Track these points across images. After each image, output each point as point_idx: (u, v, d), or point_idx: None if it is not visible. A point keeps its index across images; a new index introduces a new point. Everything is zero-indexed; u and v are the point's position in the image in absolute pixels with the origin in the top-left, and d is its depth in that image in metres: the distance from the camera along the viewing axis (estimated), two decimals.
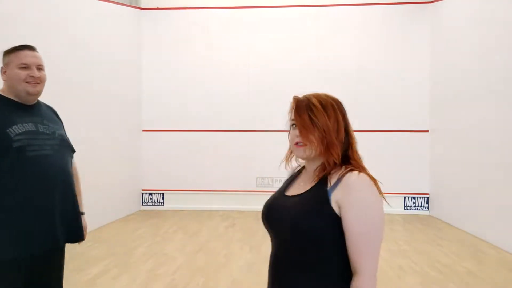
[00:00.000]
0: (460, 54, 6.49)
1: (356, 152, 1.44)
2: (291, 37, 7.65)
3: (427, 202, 7.48)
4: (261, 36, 7.69)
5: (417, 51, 7.47)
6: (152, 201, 7.69)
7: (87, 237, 2.50)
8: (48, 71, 2.29)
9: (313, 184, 1.37)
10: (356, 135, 1.57)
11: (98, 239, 5.66)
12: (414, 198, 7.52)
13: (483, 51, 5.89)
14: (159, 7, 7.80)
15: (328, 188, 1.32)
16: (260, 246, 5.30)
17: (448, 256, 5.01)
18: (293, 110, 1.41)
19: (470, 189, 6.15)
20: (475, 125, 6.04)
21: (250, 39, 7.68)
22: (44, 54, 5.59)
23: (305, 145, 1.38)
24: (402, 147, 7.49)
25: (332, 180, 1.34)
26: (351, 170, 1.34)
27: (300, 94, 1.49)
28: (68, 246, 2.31)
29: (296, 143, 1.40)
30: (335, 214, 1.29)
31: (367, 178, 1.34)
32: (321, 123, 1.36)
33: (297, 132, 1.39)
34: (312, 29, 7.65)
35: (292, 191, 1.45)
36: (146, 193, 7.71)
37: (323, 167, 1.38)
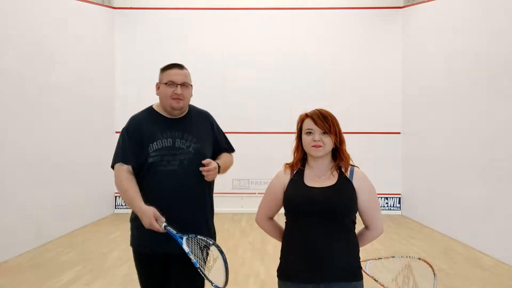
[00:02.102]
0: (430, 58, 6.68)
1: (346, 151, 2.03)
2: (266, 39, 7.69)
3: (399, 202, 7.65)
4: (236, 37, 7.69)
5: (389, 55, 7.64)
6: (125, 205, 7.53)
7: (58, 242, 2.41)
8: (16, 72, 2.22)
9: (336, 176, 1.93)
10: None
11: (69, 244, 5.50)
12: (386, 198, 7.67)
13: (452, 54, 6.09)
14: (132, 6, 7.69)
15: (352, 180, 1.94)
16: (237, 248, 5.29)
17: (420, 255, 5.14)
18: (316, 119, 1.93)
19: (440, 190, 6.33)
20: (445, 127, 6.23)
21: (225, 39, 7.67)
22: (13, 54, 5.44)
23: (321, 146, 1.90)
24: (374, 148, 7.64)
25: (347, 173, 1.96)
26: (351, 166, 2.01)
27: (274, 96, 1.56)
28: (37, 251, 2.22)
29: (314, 146, 1.90)
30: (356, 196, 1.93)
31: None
32: (337, 129, 1.96)
33: (314, 136, 1.90)
34: (285, 31, 7.71)
35: (316, 184, 1.92)
36: (119, 197, 7.56)
37: (336, 163, 1.97)
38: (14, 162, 5.08)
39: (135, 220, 2.26)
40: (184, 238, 2.09)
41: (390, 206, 7.67)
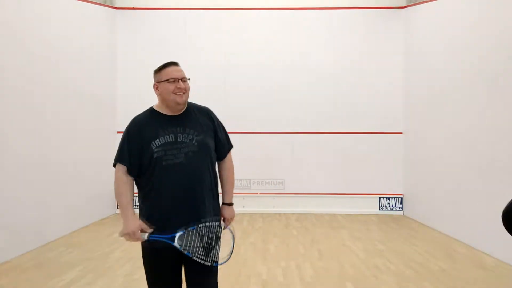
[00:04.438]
0: (432, 58, 6.67)
1: None
2: (267, 39, 7.69)
3: (401, 203, 7.64)
4: (237, 37, 7.69)
5: (391, 55, 7.63)
6: None
7: (60, 242, 2.43)
8: (17, 72, 2.23)
9: None
10: (332, 137, 1.69)
11: (71, 244, 5.51)
12: (388, 198, 7.67)
13: (454, 54, 6.08)
14: (134, 7, 7.70)
15: None
16: (239, 248, 5.29)
17: (422, 255, 5.13)
18: None
19: (442, 190, 6.32)
20: (447, 127, 6.22)
21: (226, 39, 7.67)
22: (16, 54, 5.45)
23: None
24: (376, 148, 7.64)
25: None
26: None
27: (276, 96, 1.52)
28: (39, 251, 2.23)
29: None
30: None
31: None
32: None
33: None
34: (287, 31, 7.71)
35: None
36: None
37: None
38: (15, 161, 5.08)
39: (145, 217, 2.34)
40: (178, 234, 2.20)
41: (392, 206, 7.66)
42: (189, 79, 2.49)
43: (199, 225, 2.26)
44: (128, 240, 2.27)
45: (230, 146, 2.64)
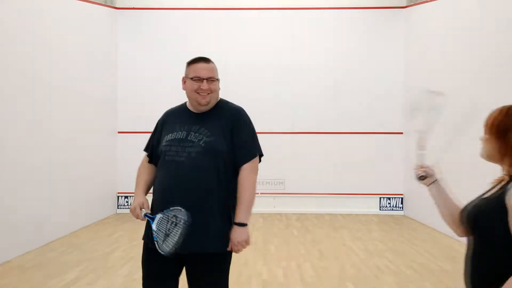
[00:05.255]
0: (433, 58, 6.67)
1: None
2: (267, 39, 7.68)
3: (402, 203, 7.64)
4: (238, 37, 7.69)
5: (392, 55, 7.62)
6: (127, 204, 7.55)
7: (61, 242, 2.42)
8: (18, 72, 2.23)
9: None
10: (332, 137, 1.66)
11: (72, 244, 5.52)
12: (389, 198, 7.66)
13: (455, 54, 6.07)
14: (135, 7, 7.69)
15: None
16: None
17: (423, 256, 5.13)
18: None
19: None
20: (447, 127, 6.20)
21: (227, 39, 7.66)
22: (16, 54, 5.45)
23: None
24: (377, 148, 7.63)
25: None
26: None
27: (276, 96, 1.52)
28: (39, 251, 2.23)
29: None
30: None
31: None
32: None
33: None
34: (287, 31, 7.71)
35: None
36: (121, 196, 7.58)
37: None
38: (16, 161, 5.08)
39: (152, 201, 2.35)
40: (158, 216, 2.14)
41: (393, 206, 7.66)
42: (218, 79, 2.34)
43: (171, 209, 2.09)
44: (133, 215, 2.32)
45: (251, 154, 2.34)
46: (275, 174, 7.61)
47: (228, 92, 7.56)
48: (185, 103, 2.44)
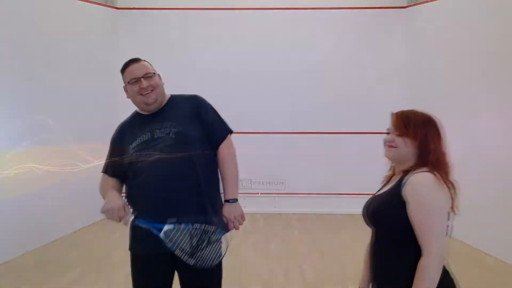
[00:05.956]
0: (433, 58, 6.66)
1: None
2: (267, 39, 7.67)
3: None
4: (238, 37, 7.68)
5: (392, 55, 7.62)
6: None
7: (61, 241, 2.42)
8: (18, 72, 2.24)
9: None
10: (333, 137, 1.72)
11: (73, 243, 5.52)
12: None
13: (456, 54, 6.06)
14: (136, 7, 7.70)
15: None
16: (239, 248, 5.29)
17: None
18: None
19: None
20: (447, 127, 6.20)
21: (227, 39, 7.66)
22: (17, 54, 5.43)
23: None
24: (377, 148, 7.58)
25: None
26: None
27: (276, 96, 1.55)
28: (40, 251, 2.24)
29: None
30: None
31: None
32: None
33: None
34: (287, 31, 7.70)
35: None
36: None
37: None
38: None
39: (132, 222, 2.16)
40: (166, 227, 1.99)
41: None
42: (154, 73, 2.25)
43: (194, 227, 2.01)
44: (110, 218, 2.08)
45: (225, 132, 2.29)
46: (275, 174, 7.61)
47: (228, 91, 7.59)
48: (135, 111, 2.37)
